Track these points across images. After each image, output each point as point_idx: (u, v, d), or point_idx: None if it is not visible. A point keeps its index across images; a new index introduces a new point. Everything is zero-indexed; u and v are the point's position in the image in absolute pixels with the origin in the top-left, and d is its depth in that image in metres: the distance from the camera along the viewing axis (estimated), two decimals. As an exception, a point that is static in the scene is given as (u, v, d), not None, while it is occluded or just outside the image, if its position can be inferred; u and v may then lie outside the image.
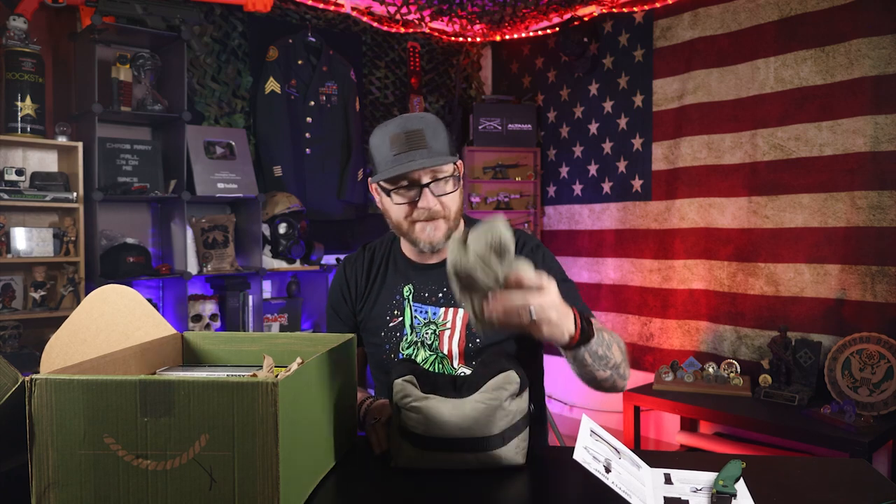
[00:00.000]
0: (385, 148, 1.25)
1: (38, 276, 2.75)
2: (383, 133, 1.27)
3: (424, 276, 1.38)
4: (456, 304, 1.34)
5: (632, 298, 3.67)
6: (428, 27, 4.11)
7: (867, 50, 2.75)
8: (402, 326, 1.36)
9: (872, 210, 2.76)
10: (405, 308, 1.37)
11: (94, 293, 1.10)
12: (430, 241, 1.30)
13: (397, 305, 1.38)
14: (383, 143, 1.26)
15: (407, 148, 1.23)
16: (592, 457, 0.91)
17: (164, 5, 2.92)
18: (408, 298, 1.37)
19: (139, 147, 3.02)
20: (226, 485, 0.79)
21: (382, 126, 1.29)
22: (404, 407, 1.03)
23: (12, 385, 0.86)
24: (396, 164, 1.23)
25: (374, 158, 1.30)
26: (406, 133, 1.24)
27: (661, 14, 3.53)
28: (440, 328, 1.33)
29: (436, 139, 1.25)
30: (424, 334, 1.34)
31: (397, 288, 1.39)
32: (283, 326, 3.50)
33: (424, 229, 1.29)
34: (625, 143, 3.73)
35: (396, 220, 1.31)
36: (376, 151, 1.28)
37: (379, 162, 1.27)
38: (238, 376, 0.81)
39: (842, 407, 2.55)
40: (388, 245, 1.47)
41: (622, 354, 1.24)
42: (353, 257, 1.48)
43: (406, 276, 1.39)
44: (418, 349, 1.34)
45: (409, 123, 1.25)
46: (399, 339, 1.36)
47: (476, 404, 1.01)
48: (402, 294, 1.38)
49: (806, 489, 1.01)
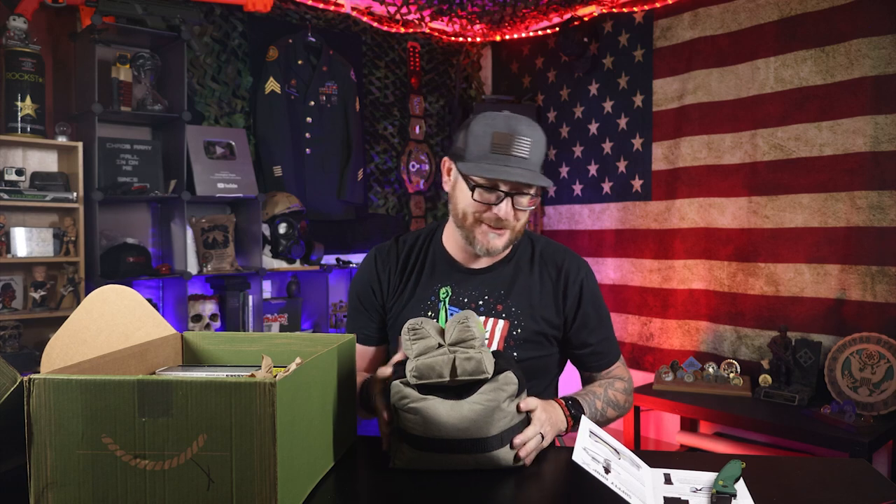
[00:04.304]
0: (486, 141, 1.20)
1: (38, 276, 2.75)
2: (488, 125, 1.22)
3: (466, 281, 1.34)
4: (496, 315, 1.31)
5: (632, 298, 3.67)
6: (428, 27, 4.11)
7: (867, 50, 2.75)
8: None
9: (872, 210, 2.76)
10: (440, 310, 1.32)
11: (94, 293, 1.10)
12: (489, 247, 1.27)
13: (431, 306, 1.33)
14: (485, 135, 1.21)
15: (508, 152, 1.20)
16: (592, 457, 0.91)
17: (164, 5, 2.92)
18: (444, 301, 1.32)
19: (139, 147, 3.02)
20: (224, 485, 0.79)
21: (489, 116, 1.23)
22: (402, 408, 1.02)
23: (11, 385, 0.86)
24: (494, 165, 1.20)
25: (466, 142, 1.23)
26: (513, 135, 1.20)
27: (661, 14, 3.53)
28: None
29: (537, 153, 1.23)
30: None
31: (434, 288, 1.34)
32: (283, 326, 3.50)
33: (487, 234, 1.26)
34: (625, 143, 3.73)
35: (464, 211, 1.26)
36: (473, 139, 1.22)
37: (472, 151, 1.22)
38: (236, 376, 0.81)
39: (842, 407, 2.55)
40: (427, 240, 1.41)
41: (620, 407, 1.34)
42: (385, 248, 1.41)
43: (445, 277, 1.35)
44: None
45: (518, 127, 1.21)
46: None
47: (474, 405, 1.00)
48: (437, 295, 1.33)
49: (806, 489, 1.01)
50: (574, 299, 1.35)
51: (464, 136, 1.25)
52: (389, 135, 4.15)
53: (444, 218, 1.49)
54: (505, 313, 1.31)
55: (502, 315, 1.31)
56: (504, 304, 1.32)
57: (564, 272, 1.36)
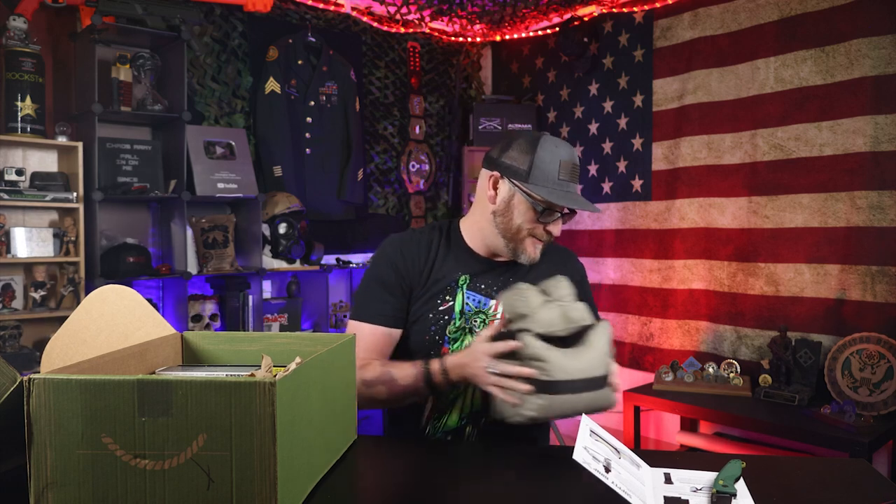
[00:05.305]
0: (553, 168, 1.35)
1: (38, 276, 2.75)
2: (555, 151, 1.35)
3: (486, 271, 1.46)
4: None
5: (632, 298, 3.66)
6: (428, 27, 4.11)
7: (867, 50, 2.75)
8: (451, 311, 1.42)
9: (872, 210, 2.76)
10: (457, 294, 1.43)
11: (93, 293, 1.10)
12: (534, 257, 1.42)
13: (449, 291, 1.43)
14: (552, 162, 1.35)
15: (571, 179, 1.36)
16: (592, 457, 0.91)
17: (164, 5, 2.92)
18: (462, 286, 1.43)
19: (139, 147, 3.02)
20: (224, 485, 0.79)
21: (552, 142, 1.36)
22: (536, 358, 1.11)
23: (11, 385, 0.86)
24: (562, 191, 1.35)
25: (531, 166, 1.35)
26: (573, 165, 1.37)
27: (661, 14, 3.53)
28: (490, 318, 1.43)
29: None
30: (473, 321, 1.42)
31: (453, 275, 1.44)
32: (283, 326, 3.50)
33: (535, 246, 1.41)
34: (625, 143, 3.73)
35: (520, 226, 1.38)
36: (541, 163, 1.34)
37: (538, 175, 1.34)
38: (236, 376, 0.81)
39: (842, 407, 2.55)
40: (443, 233, 1.50)
41: None
42: (407, 237, 1.49)
43: (465, 266, 1.45)
44: (465, 335, 1.41)
45: (574, 156, 1.38)
46: (446, 322, 1.42)
47: (590, 349, 1.15)
48: (456, 281, 1.43)
49: (806, 489, 1.01)
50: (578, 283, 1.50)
51: (527, 158, 1.36)
52: (389, 135, 4.15)
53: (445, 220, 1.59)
54: None
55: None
56: None
57: (570, 266, 1.56)
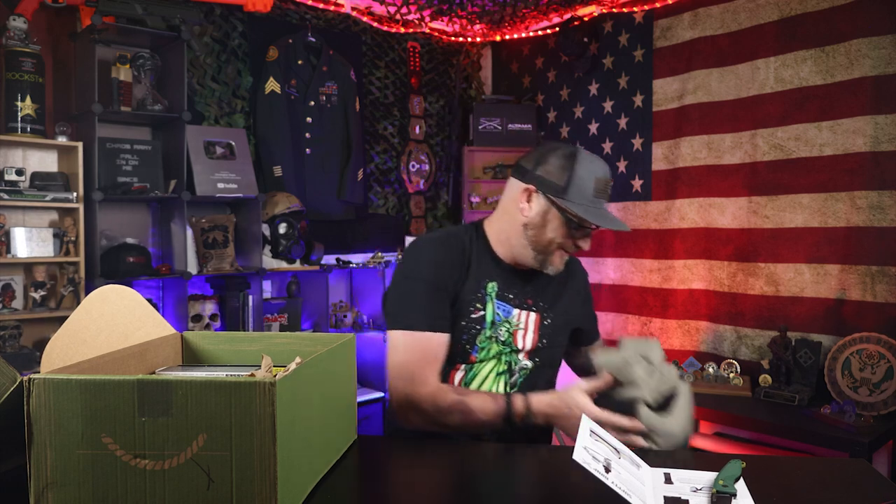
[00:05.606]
0: (589, 184, 1.36)
1: (38, 276, 2.75)
2: (592, 168, 1.36)
3: (511, 280, 1.47)
4: (528, 308, 1.47)
5: (632, 298, 3.66)
6: (428, 27, 4.11)
7: (867, 50, 2.75)
8: (482, 320, 1.43)
9: (872, 210, 2.76)
10: (487, 303, 1.43)
11: (93, 293, 1.10)
12: (559, 269, 1.45)
13: (479, 299, 1.43)
14: (589, 178, 1.36)
15: (604, 196, 1.39)
16: (592, 457, 0.91)
17: (164, 5, 2.92)
18: (491, 295, 1.44)
19: (139, 147, 3.02)
20: (224, 485, 0.79)
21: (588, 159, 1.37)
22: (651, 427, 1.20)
23: (11, 385, 0.86)
24: (596, 209, 1.37)
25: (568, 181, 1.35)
26: (607, 182, 1.38)
27: (661, 14, 3.52)
28: (513, 327, 1.45)
29: None
30: (499, 331, 1.44)
31: (482, 282, 1.44)
32: (283, 326, 3.50)
33: (562, 258, 1.44)
34: (625, 143, 3.73)
35: (550, 239, 1.40)
36: (578, 179, 1.35)
37: (574, 191, 1.35)
38: (236, 376, 0.81)
39: (842, 407, 2.55)
40: (471, 237, 1.48)
41: None
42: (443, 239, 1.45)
43: (490, 274, 1.45)
44: (492, 344, 1.43)
45: (608, 173, 1.39)
46: (478, 332, 1.42)
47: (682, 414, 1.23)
48: (485, 289, 1.44)
49: (806, 489, 1.01)
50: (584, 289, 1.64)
51: (564, 174, 1.36)
52: (389, 135, 4.15)
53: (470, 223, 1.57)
54: (535, 307, 1.49)
55: (533, 308, 1.48)
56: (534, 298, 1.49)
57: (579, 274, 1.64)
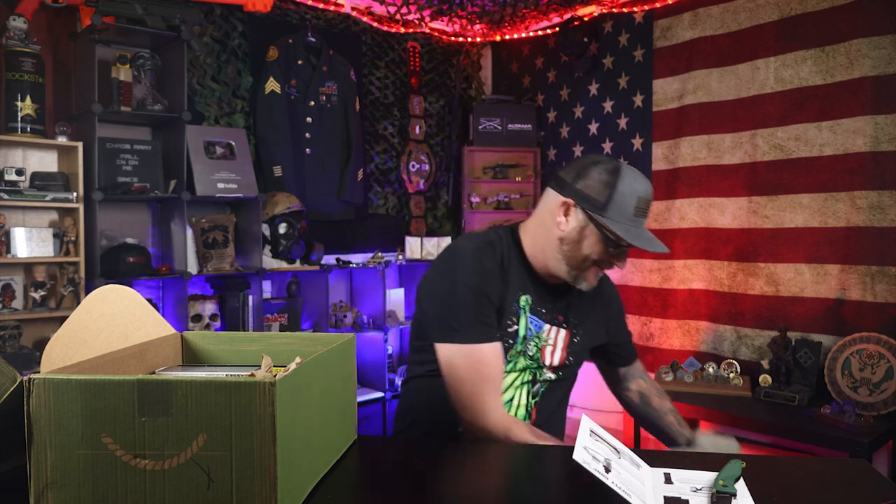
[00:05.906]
0: (630, 203, 1.30)
1: (38, 276, 2.75)
2: (634, 186, 1.30)
3: (543, 293, 1.43)
4: (559, 325, 1.44)
5: (632, 298, 3.66)
6: (428, 27, 4.10)
7: (867, 50, 2.75)
8: (515, 335, 1.39)
9: (872, 210, 2.76)
10: (521, 317, 1.39)
11: (93, 293, 1.10)
12: (592, 286, 1.40)
13: (514, 312, 1.39)
14: (631, 196, 1.30)
15: (644, 216, 1.34)
16: (592, 457, 0.91)
17: (164, 5, 2.92)
18: (524, 308, 1.40)
19: (139, 147, 3.02)
20: (224, 485, 0.79)
21: (631, 176, 1.31)
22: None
23: (11, 385, 0.86)
24: (636, 229, 1.31)
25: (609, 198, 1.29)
26: (648, 201, 1.33)
27: (661, 14, 3.52)
28: (542, 342, 1.42)
29: None
30: (528, 345, 1.41)
31: (516, 295, 1.39)
32: (283, 326, 3.50)
33: (596, 275, 1.40)
34: (625, 143, 3.73)
35: (585, 255, 1.35)
36: (620, 197, 1.29)
37: (614, 209, 1.30)
38: (236, 376, 0.81)
39: (842, 407, 2.55)
40: (507, 244, 1.42)
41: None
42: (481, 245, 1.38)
43: (525, 286, 1.41)
44: (520, 357, 1.40)
45: (650, 191, 1.34)
46: (511, 346, 1.38)
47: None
48: (519, 302, 1.39)
49: (806, 489, 1.01)
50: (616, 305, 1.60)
51: (606, 191, 1.30)
52: (389, 135, 4.15)
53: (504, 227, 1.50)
54: (566, 323, 1.46)
55: (563, 325, 1.45)
56: (565, 314, 1.46)
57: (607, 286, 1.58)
